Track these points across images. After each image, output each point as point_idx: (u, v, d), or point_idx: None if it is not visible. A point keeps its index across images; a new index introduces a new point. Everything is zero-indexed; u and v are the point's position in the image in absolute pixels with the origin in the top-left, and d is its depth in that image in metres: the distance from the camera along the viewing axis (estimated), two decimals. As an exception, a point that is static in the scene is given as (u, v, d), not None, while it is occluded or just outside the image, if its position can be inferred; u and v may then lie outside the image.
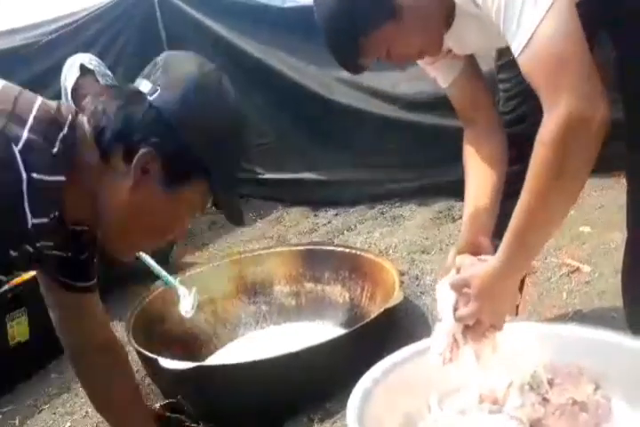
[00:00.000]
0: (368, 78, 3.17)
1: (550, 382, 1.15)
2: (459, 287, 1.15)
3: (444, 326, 1.17)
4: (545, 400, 1.13)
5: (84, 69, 2.58)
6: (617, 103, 1.30)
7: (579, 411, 1.10)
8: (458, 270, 1.20)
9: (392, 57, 1.17)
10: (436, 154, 2.86)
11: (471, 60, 1.33)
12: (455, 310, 1.15)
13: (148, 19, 3.60)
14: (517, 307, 1.70)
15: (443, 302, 1.18)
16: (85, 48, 3.03)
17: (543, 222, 1.04)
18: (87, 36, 3.29)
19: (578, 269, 2.18)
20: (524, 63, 0.99)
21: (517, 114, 1.50)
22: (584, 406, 1.11)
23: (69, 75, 2.59)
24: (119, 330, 2.09)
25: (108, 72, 2.69)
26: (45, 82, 3.03)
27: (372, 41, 1.12)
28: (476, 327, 1.15)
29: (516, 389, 1.16)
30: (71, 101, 2.60)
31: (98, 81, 2.61)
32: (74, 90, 2.59)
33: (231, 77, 0.98)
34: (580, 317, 1.88)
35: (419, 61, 1.32)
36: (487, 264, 1.11)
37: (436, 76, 1.35)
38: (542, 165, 0.98)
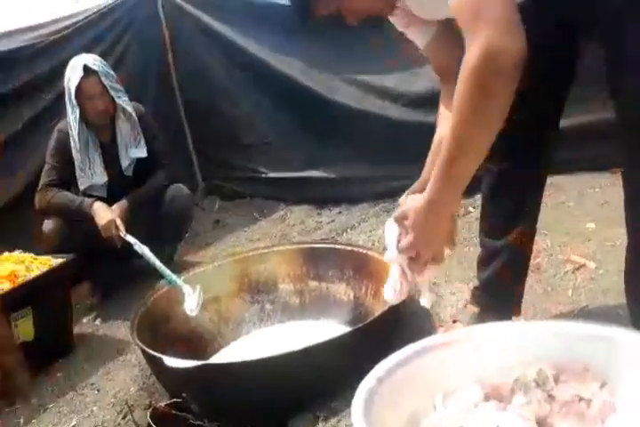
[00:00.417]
0: (371, 77, 3.17)
1: (556, 379, 1.14)
2: (400, 220, 1.23)
3: (391, 257, 1.25)
4: (550, 397, 1.13)
5: (87, 70, 2.58)
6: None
7: (585, 408, 1.10)
8: None
9: (344, 12, 1.22)
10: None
11: (446, 27, 1.35)
12: (398, 242, 1.23)
13: (152, 19, 3.61)
14: (518, 308, 1.72)
15: (388, 237, 1.26)
16: (89, 49, 3.04)
17: (466, 156, 1.08)
18: (90, 37, 3.30)
19: (583, 265, 2.17)
20: (453, 6, 1.03)
21: None
22: (590, 403, 1.10)
23: (73, 75, 2.59)
24: (124, 329, 2.08)
25: (112, 72, 2.69)
26: (49, 83, 3.04)
27: None
28: (417, 259, 1.23)
29: (521, 386, 1.16)
30: (75, 102, 2.61)
31: (101, 82, 2.61)
32: (77, 91, 2.59)
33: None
34: (585, 313, 1.87)
35: (398, 26, 1.38)
36: (421, 197, 1.18)
37: (414, 39, 1.40)
38: (463, 100, 1.02)
